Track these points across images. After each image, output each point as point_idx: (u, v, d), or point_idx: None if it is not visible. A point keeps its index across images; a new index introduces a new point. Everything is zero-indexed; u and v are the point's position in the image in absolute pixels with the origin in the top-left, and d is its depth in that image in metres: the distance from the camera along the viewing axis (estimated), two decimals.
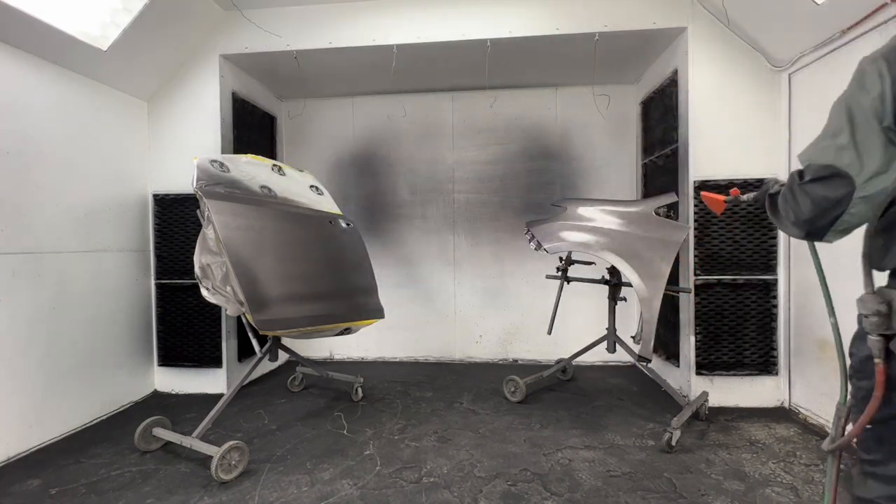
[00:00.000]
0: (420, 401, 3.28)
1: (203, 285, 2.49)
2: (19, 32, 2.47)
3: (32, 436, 2.57)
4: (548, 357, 4.21)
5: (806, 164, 0.99)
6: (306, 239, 2.83)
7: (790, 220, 1.04)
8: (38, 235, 2.62)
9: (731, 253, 3.07)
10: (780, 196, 1.08)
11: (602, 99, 4.13)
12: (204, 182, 2.40)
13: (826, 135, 0.96)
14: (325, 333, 2.77)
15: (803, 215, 0.99)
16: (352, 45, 3.35)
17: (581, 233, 2.88)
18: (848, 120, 0.91)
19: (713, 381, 3.10)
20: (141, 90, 3.38)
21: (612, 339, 3.10)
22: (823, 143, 0.96)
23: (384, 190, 4.41)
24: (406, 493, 2.10)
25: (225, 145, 3.46)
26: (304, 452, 2.50)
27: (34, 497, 2.11)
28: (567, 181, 4.24)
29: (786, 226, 1.08)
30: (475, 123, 4.31)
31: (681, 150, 3.22)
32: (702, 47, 3.09)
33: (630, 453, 2.45)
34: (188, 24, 3.25)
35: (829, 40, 2.54)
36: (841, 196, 0.91)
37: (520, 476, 2.23)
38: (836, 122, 0.94)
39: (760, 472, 2.23)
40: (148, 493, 2.12)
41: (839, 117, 0.94)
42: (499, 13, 3.26)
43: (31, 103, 2.61)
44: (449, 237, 4.35)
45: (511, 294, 4.30)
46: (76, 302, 2.86)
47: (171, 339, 3.47)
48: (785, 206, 1.05)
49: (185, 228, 3.44)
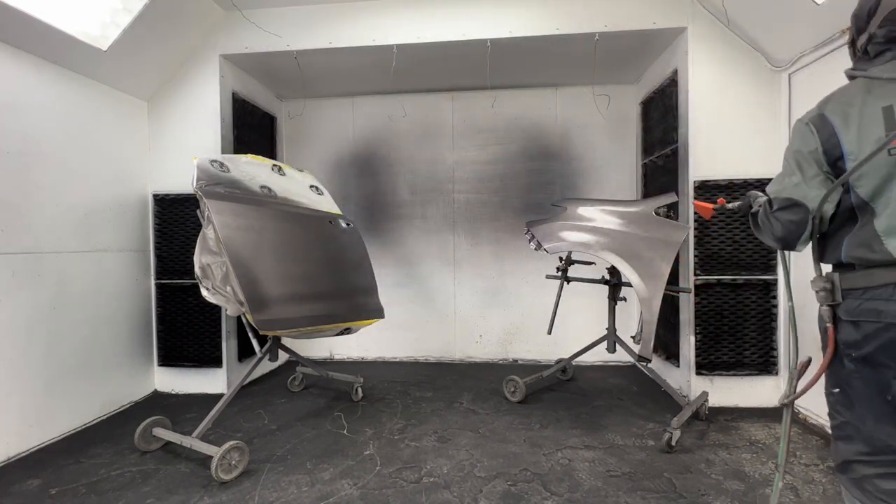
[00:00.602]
0: (420, 401, 3.28)
1: (203, 285, 2.49)
2: (19, 32, 2.47)
3: (32, 436, 2.57)
4: (548, 357, 4.21)
5: (774, 197, 1.32)
6: (306, 239, 2.83)
7: (768, 237, 1.37)
8: (38, 235, 2.62)
9: (731, 253, 3.07)
10: (759, 218, 1.39)
11: (602, 99, 4.13)
12: (204, 182, 2.40)
13: (784, 175, 1.30)
14: (325, 333, 2.77)
15: (777, 234, 1.32)
16: (352, 45, 3.35)
17: (581, 233, 2.88)
18: (797, 166, 1.26)
19: (713, 381, 3.10)
20: (141, 90, 3.38)
21: (612, 339, 3.10)
22: (783, 182, 1.30)
23: (384, 190, 4.41)
24: (406, 493, 2.10)
25: (225, 145, 3.46)
26: (304, 452, 2.50)
27: (34, 497, 2.11)
28: (567, 181, 4.24)
29: (766, 240, 1.40)
30: (475, 123, 4.31)
31: (681, 150, 3.22)
32: (702, 47, 3.09)
33: (630, 453, 2.45)
34: (188, 24, 3.25)
35: (829, 40, 2.54)
36: (801, 219, 1.25)
37: (520, 476, 2.23)
38: (789, 167, 1.29)
39: (760, 472, 2.23)
40: (148, 493, 2.12)
41: (791, 164, 1.29)
42: (499, 13, 3.26)
43: (31, 103, 2.61)
44: (449, 237, 4.35)
45: (511, 294, 4.30)
46: (76, 302, 2.86)
47: (171, 339, 3.47)
48: (763, 227, 1.38)
49: (185, 228, 3.44)
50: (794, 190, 1.25)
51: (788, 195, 1.26)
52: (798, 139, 1.27)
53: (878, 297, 1.12)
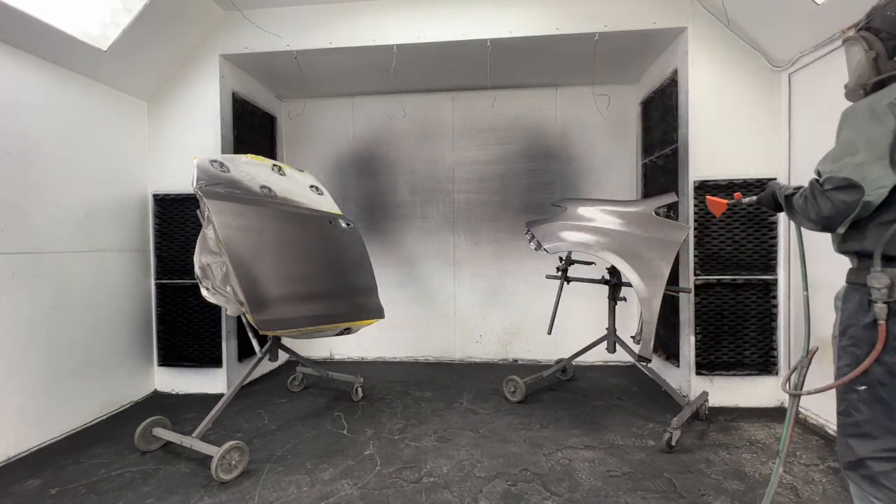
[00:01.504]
0: (420, 401, 3.28)
1: (203, 285, 2.49)
2: (19, 32, 2.47)
3: (32, 436, 2.57)
4: (548, 357, 4.21)
5: (828, 176, 1.28)
6: (306, 239, 2.83)
7: (809, 217, 1.35)
8: (38, 235, 2.62)
9: (731, 253, 3.07)
10: (800, 197, 1.38)
11: (602, 99, 4.13)
12: (204, 182, 2.40)
13: (843, 154, 1.26)
14: (325, 333, 2.77)
15: (824, 213, 1.29)
16: (352, 45, 3.35)
17: (581, 233, 2.88)
18: (866, 145, 1.22)
19: (713, 381, 3.10)
20: (141, 90, 3.38)
21: (612, 339, 3.10)
22: (841, 160, 1.25)
23: (384, 190, 4.41)
24: (406, 493, 2.10)
25: (225, 145, 3.46)
26: (304, 452, 2.50)
27: (34, 497, 2.11)
28: (567, 181, 4.24)
29: (803, 221, 1.39)
30: (475, 123, 4.31)
31: (681, 150, 3.22)
32: (702, 47, 3.09)
33: (630, 453, 2.45)
34: (188, 24, 3.25)
35: (828, 40, 2.54)
36: (854, 200, 1.23)
37: (520, 476, 2.23)
38: (851, 147, 1.25)
39: (760, 472, 2.23)
40: (148, 493, 2.12)
41: (855, 144, 1.24)
42: (499, 13, 3.26)
43: (31, 103, 2.61)
44: (449, 237, 4.35)
45: (511, 294, 4.30)
46: (76, 302, 2.86)
47: (171, 339, 3.47)
48: (805, 207, 1.35)
49: (185, 228, 3.44)
50: (854, 170, 1.22)
51: (847, 175, 1.23)
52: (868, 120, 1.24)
53: None
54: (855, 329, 1.32)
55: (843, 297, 1.40)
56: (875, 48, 1.35)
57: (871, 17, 1.39)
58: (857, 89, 1.39)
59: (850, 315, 1.34)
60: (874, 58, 1.35)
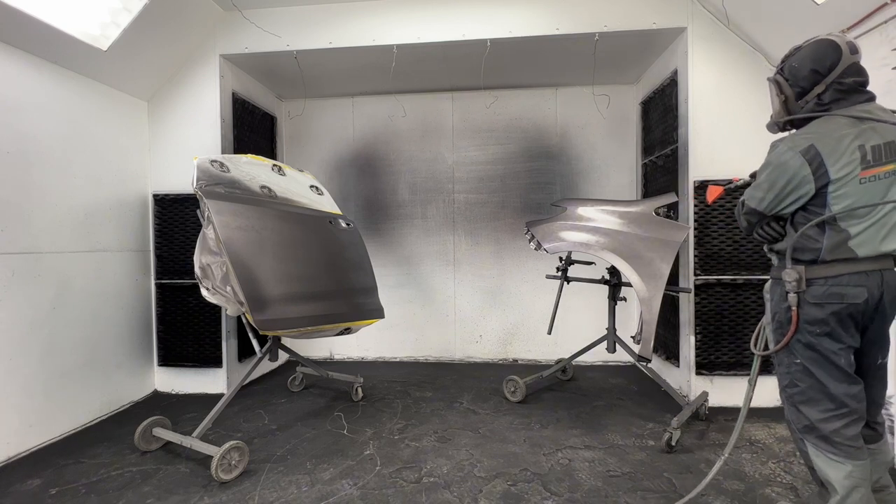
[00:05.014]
0: (420, 401, 3.28)
1: (203, 285, 2.49)
2: (19, 32, 2.47)
3: (32, 436, 2.57)
4: (548, 357, 4.21)
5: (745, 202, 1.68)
6: (306, 239, 2.83)
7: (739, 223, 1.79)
8: (38, 235, 2.62)
9: (731, 253, 3.07)
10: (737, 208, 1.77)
11: (602, 99, 4.13)
12: (204, 182, 2.40)
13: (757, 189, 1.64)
14: (325, 333, 2.77)
15: (742, 225, 1.76)
16: (352, 45, 3.35)
17: (581, 233, 2.88)
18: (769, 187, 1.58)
19: (713, 381, 3.10)
20: (141, 90, 3.38)
21: (612, 339, 3.10)
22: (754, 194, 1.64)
23: (384, 190, 4.41)
24: (406, 493, 2.10)
25: (225, 145, 3.46)
26: (304, 452, 2.50)
27: (34, 497, 2.11)
28: (567, 181, 4.24)
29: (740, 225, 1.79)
30: (475, 123, 4.31)
31: (681, 150, 3.22)
32: (701, 47, 3.09)
33: (630, 453, 2.45)
34: (188, 24, 3.25)
35: None
36: (756, 221, 1.68)
37: (520, 476, 2.23)
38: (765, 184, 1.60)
39: (760, 472, 2.23)
40: (148, 493, 2.13)
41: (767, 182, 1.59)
42: (499, 13, 3.26)
43: (31, 103, 2.61)
44: (449, 237, 4.35)
45: (511, 294, 4.30)
46: (76, 302, 2.86)
47: (171, 339, 3.47)
48: (736, 216, 1.78)
49: (185, 228, 3.43)
50: (758, 204, 1.63)
51: (754, 206, 1.64)
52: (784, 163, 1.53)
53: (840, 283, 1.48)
54: (779, 315, 1.63)
55: (770, 290, 1.70)
56: (785, 92, 1.63)
57: (783, 63, 1.64)
58: (773, 125, 1.71)
59: (775, 304, 1.65)
60: (783, 101, 1.64)
